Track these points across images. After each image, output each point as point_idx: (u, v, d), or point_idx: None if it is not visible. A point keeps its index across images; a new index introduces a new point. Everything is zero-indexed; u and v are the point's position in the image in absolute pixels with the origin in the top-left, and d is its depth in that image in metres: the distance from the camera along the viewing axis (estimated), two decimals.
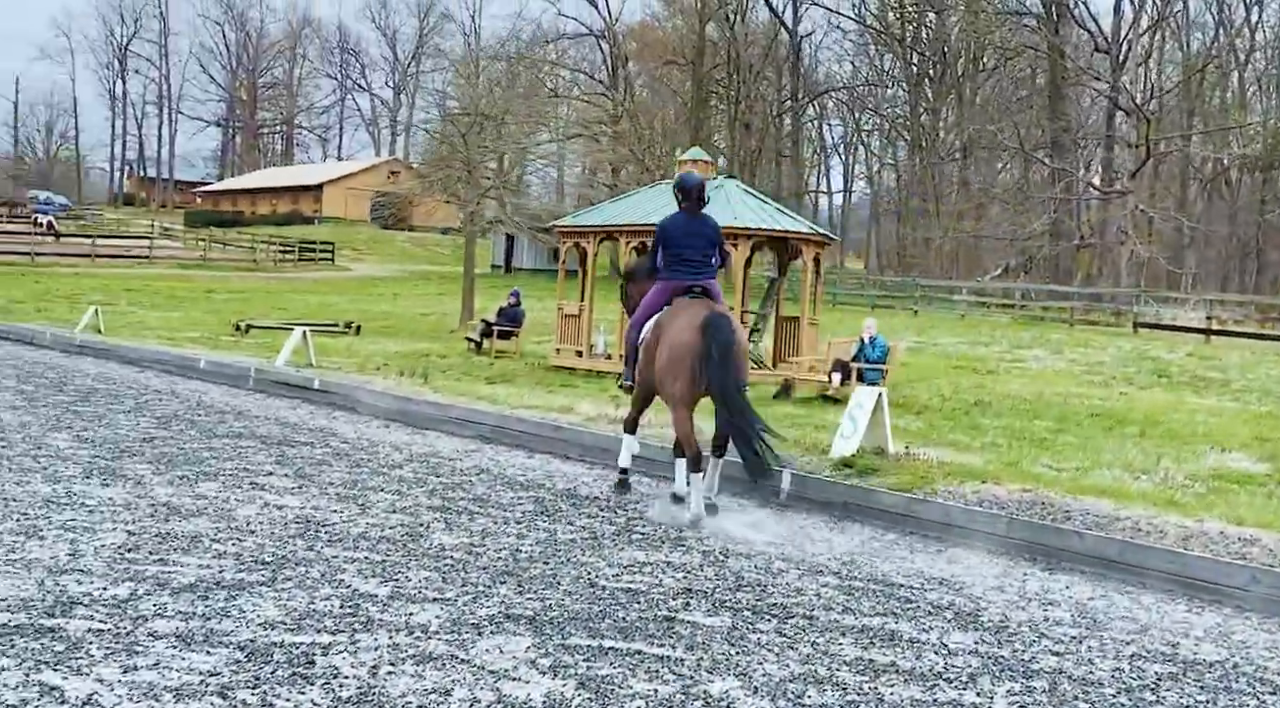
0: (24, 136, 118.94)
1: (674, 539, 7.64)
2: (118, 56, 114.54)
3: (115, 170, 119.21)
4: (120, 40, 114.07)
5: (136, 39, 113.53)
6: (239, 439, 10.85)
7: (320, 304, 34.05)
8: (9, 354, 19.10)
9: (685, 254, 8.77)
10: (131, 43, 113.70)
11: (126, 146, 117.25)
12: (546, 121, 47.47)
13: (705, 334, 8.13)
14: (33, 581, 5.52)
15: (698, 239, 8.79)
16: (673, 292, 8.78)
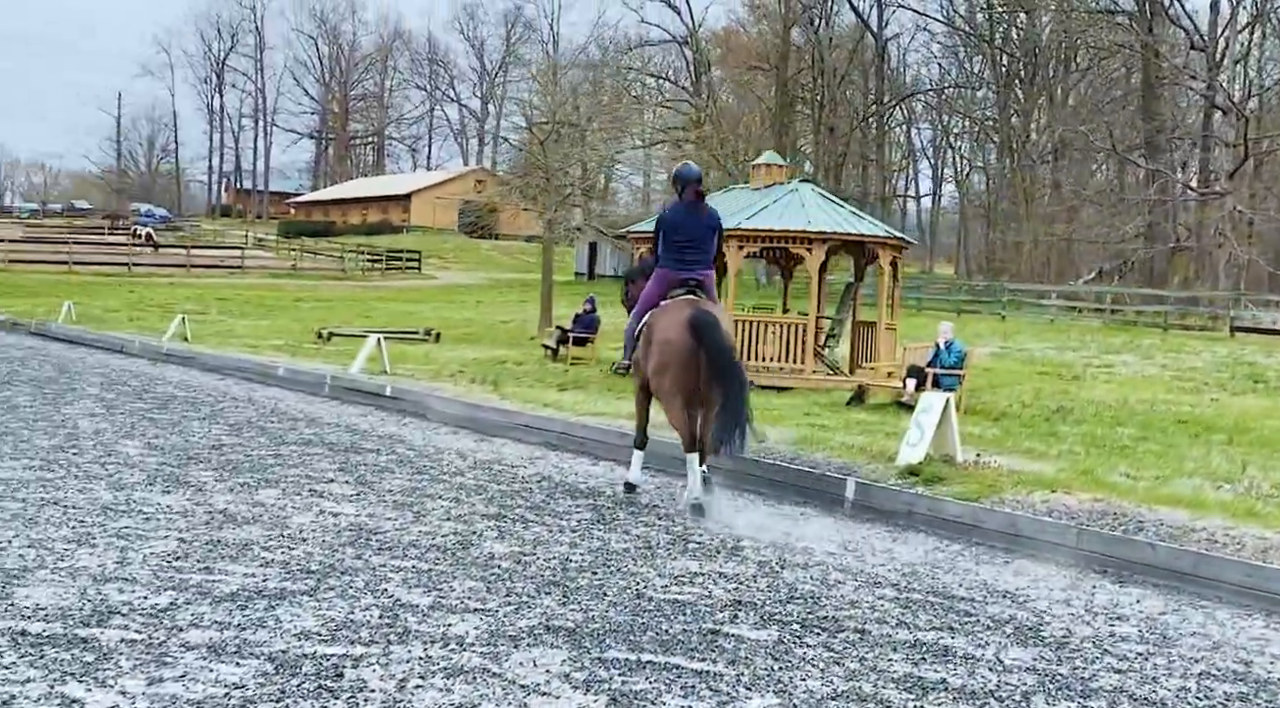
0: (127, 151, 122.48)
1: (730, 549, 7.48)
2: (215, 71, 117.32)
3: (213, 183, 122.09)
4: (218, 55, 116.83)
5: (233, 54, 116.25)
6: (306, 446, 10.91)
7: (404, 312, 34.39)
8: (98, 362, 19.51)
9: (684, 244, 8.96)
10: (229, 58, 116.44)
11: (224, 159, 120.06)
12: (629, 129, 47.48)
13: (694, 335, 8.35)
14: (76, 589, 5.54)
15: (696, 229, 8.98)
16: (669, 284, 8.96)
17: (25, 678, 4.33)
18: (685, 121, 59.31)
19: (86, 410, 12.67)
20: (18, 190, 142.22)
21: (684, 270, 8.94)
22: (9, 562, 5.95)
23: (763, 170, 19.29)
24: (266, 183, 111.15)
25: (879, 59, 65.58)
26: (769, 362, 17.25)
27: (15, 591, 5.43)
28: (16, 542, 6.40)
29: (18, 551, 6.20)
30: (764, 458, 10.10)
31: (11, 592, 5.41)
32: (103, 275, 45.88)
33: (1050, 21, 57.58)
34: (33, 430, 10.90)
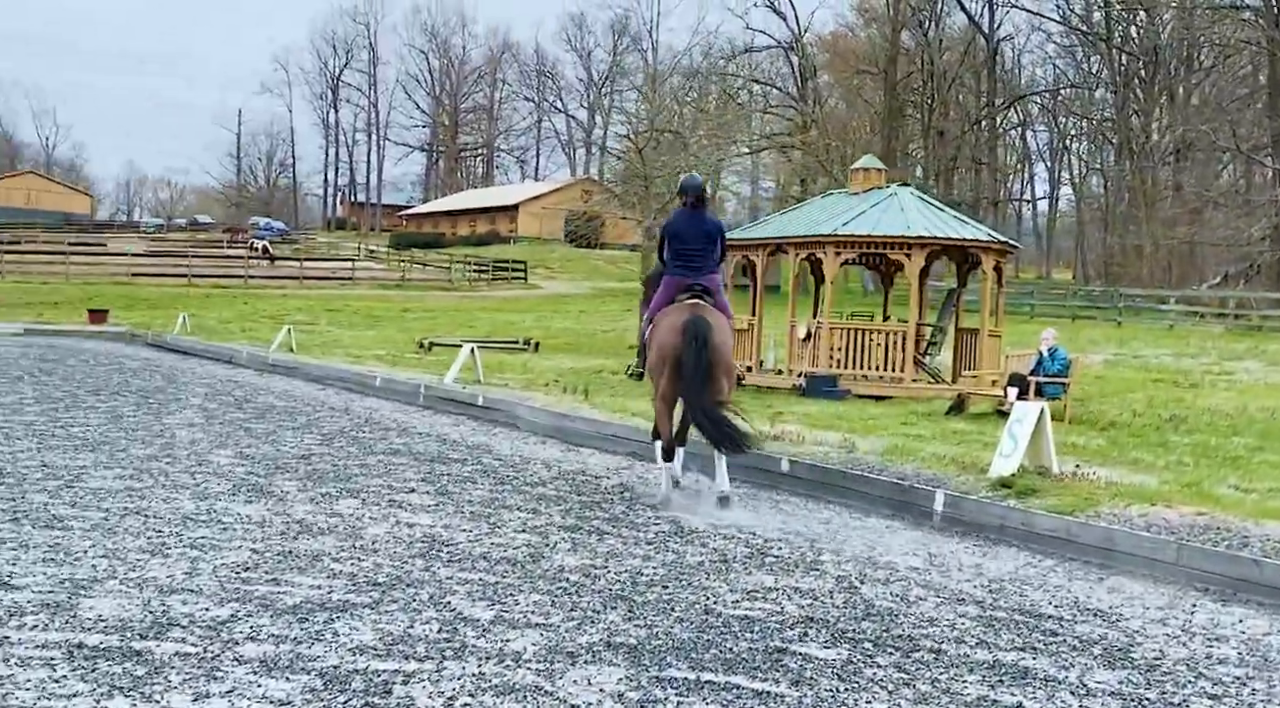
0: (246, 166, 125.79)
1: (809, 563, 7.27)
2: (330, 87, 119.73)
3: (328, 196, 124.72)
4: (333, 72, 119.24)
5: (348, 70, 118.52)
6: (394, 456, 10.95)
7: (506, 322, 34.62)
8: (206, 373, 19.95)
9: (687, 250, 9.32)
10: (343, 74, 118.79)
11: (339, 173, 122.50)
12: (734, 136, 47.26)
13: (686, 338, 8.68)
14: (140, 600, 5.56)
15: (698, 236, 9.32)
16: (676, 289, 9.29)
17: (73, 692, 4.32)
18: (790, 127, 58.85)
19: (186, 420, 12.91)
20: (146, 206, 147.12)
21: (689, 276, 9.26)
22: (80, 572, 6.01)
23: (861, 175, 18.95)
24: (379, 195, 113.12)
25: (991, 61, 64.30)
26: (867, 370, 16.92)
27: (81, 602, 5.47)
28: (92, 552, 6.47)
29: (91, 561, 6.26)
30: (851, 469, 9.85)
31: (77, 603, 5.45)
32: (219, 287, 47.08)
33: (1171, 19, 55.89)
34: (131, 440, 11.12)
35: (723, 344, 8.88)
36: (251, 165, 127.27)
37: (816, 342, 17.19)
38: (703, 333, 8.69)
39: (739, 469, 10.52)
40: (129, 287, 45.36)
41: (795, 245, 17.60)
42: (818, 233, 17.12)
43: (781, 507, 9.31)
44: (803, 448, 10.92)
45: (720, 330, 8.92)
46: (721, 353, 8.84)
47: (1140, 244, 54.02)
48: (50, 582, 5.77)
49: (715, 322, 8.91)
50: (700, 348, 8.62)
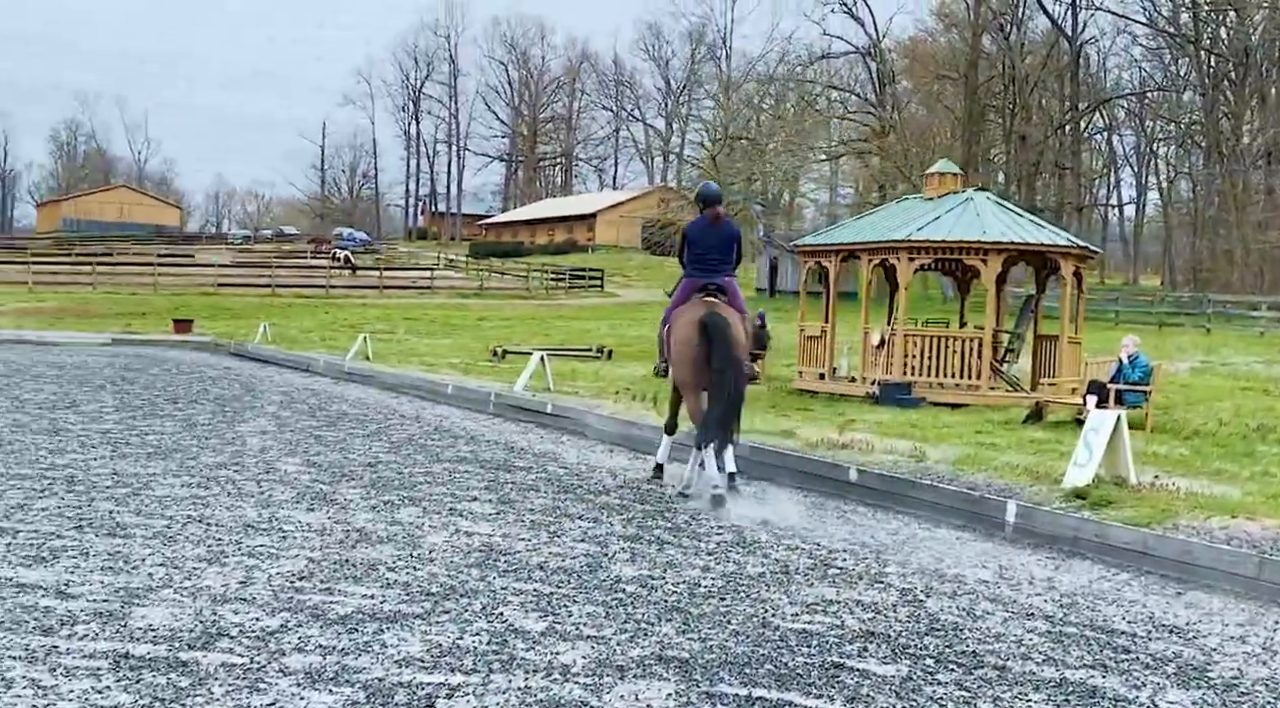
0: (330, 177, 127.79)
1: (874, 575, 7.10)
2: (412, 99, 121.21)
3: (409, 206, 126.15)
4: (414, 84, 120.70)
5: (429, 82, 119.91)
6: (460, 464, 10.94)
7: (581, 330, 34.66)
8: (284, 381, 20.19)
9: (705, 255, 9.93)
10: (424, 85, 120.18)
11: (420, 183, 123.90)
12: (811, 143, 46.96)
13: (702, 333, 9.27)
14: (192, 609, 5.55)
15: (715, 241, 9.95)
16: (693, 289, 9.86)
17: (115, 703, 4.30)
18: (868, 133, 58.32)
19: (258, 428, 13.03)
20: (234, 218, 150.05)
21: (705, 277, 9.86)
22: (136, 581, 6.03)
23: (936, 179, 18.66)
24: (459, 205, 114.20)
25: (1074, 64, 63.15)
26: (942, 378, 16.63)
27: (134, 611, 5.48)
28: (150, 560, 6.50)
29: (148, 569, 6.28)
30: (920, 478, 9.65)
31: (130, 612, 5.45)
32: (302, 297, 47.75)
33: (1263, 20, 54.50)
34: (202, 448, 11.24)
35: (736, 338, 9.35)
36: (335, 177, 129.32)
37: (890, 349, 16.94)
38: (719, 326, 9.24)
39: (807, 478, 10.41)
40: (214, 297, 46.19)
41: (868, 251, 17.37)
42: (891, 238, 16.87)
43: (849, 517, 9.13)
44: (871, 457, 10.74)
45: (733, 326, 9.41)
46: (735, 346, 9.28)
47: (1230, 249, 52.70)
48: (106, 590, 5.79)
49: (729, 317, 9.45)
50: (717, 340, 9.17)
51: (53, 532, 7.06)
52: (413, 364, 22.31)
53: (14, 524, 7.22)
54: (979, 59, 60.33)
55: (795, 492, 10.14)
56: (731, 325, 9.35)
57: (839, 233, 19.14)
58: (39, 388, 16.84)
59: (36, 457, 10.16)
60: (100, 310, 38.80)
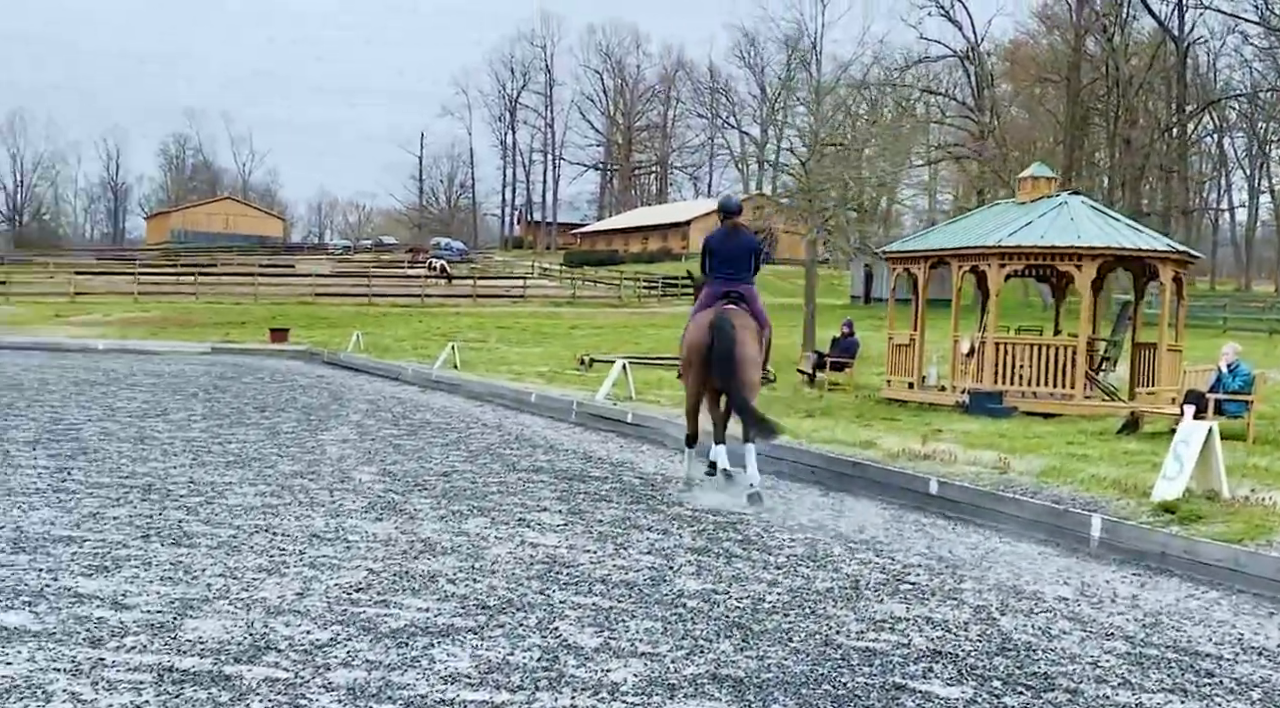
0: (428, 187, 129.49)
1: (947, 591, 6.86)
2: (509, 109, 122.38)
3: (506, 216, 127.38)
4: (511, 94, 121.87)
5: (525, 92, 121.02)
6: (534, 473, 10.87)
7: (672, 338, 34.44)
8: (373, 390, 20.37)
9: (725, 264, 10.32)
10: (521, 95, 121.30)
11: (516, 193, 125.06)
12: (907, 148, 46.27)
13: (711, 334, 9.65)
14: (244, 621, 5.53)
15: (735, 250, 10.36)
16: (714, 296, 10.19)
17: None
18: (966, 138, 57.36)
19: (340, 437, 13.12)
20: (336, 229, 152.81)
21: (725, 284, 10.24)
22: (194, 592, 6.03)
23: (1029, 183, 18.19)
24: (555, 214, 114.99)
25: (1181, 65, 61.47)
26: (1035, 386, 16.19)
27: (186, 622, 5.47)
28: (211, 570, 6.51)
29: (207, 580, 6.29)
30: (1002, 491, 9.34)
31: (181, 624, 5.44)
32: (397, 306, 48.33)
33: None
34: (282, 456, 11.33)
35: (745, 340, 9.74)
36: (433, 187, 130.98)
37: (980, 357, 16.54)
38: (727, 329, 9.65)
39: (886, 490, 10.17)
40: (312, 306, 46.95)
41: (958, 257, 16.98)
42: (982, 244, 16.48)
43: (927, 530, 8.88)
44: (954, 468, 10.45)
45: (744, 328, 9.81)
46: (744, 347, 9.68)
47: None
48: (161, 601, 5.80)
49: (740, 321, 9.84)
50: (725, 341, 9.58)
51: (119, 541, 7.12)
52: (501, 373, 22.37)
53: (84, 533, 7.30)
54: (1082, 61, 59.02)
55: (874, 504, 9.90)
56: (738, 329, 9.73)
57: (928, 238, 18.77)
58: (133, 396, 17.19)
59: (118, 465, 10.32)
60: (201, 320, 39.65)
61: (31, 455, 10.67)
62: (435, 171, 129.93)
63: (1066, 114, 58.78)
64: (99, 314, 41.53)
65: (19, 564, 6.41)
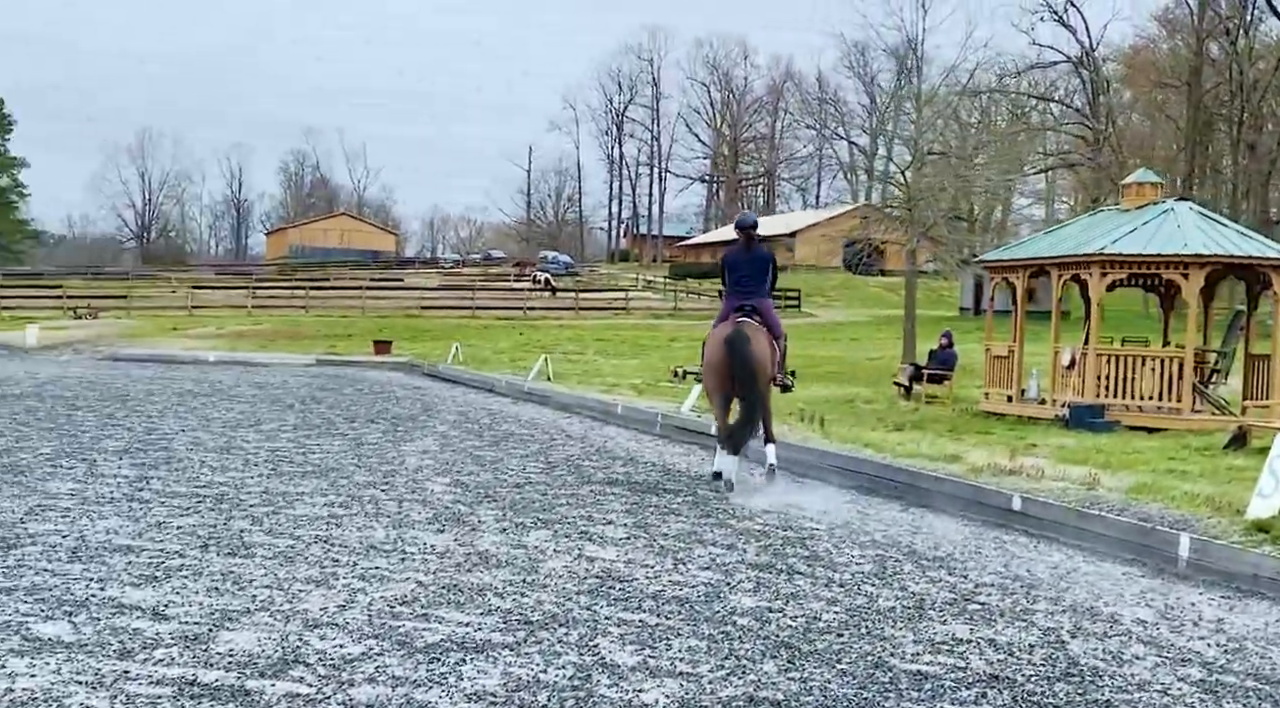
0: (536, 201, 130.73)
1: (1018, 612, 6.54)
2: (615, 122, 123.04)
3: (612, 229, 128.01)
4: (618, 107, 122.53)
5: (632, 105, 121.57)
6: (609, 486, 10.73)
7: None
8: (465, 401, 20.47)
9: (740, 278, 11.08)
10: (628, 109, 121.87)
11: (622, 206, 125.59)
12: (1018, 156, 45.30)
13: (727, 348, 10.47)
14: (279, 634, 5.46)
15: (750, 267, 11.10)
16: (730, 309, 10.99)
17: None
18: (1079, 146, 55.99)
19: (421, 448, 13.14)
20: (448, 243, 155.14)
21: (741, 298, 10.97)
22: (237, 603, 5.99)
23: (1134, 190, 17.58)
24: (661, 227, 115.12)
25: None
26: (1139, 399, 15.61)
27: (221, 634, 5.41)
28: (259, 581, 6.47)
29: (253, 591, 6.25)
30: (1087, 508, 8.94)
31: (216, 636, 5.39)
32: (500, 319, 48.75)
33: None
34: (359, 467, 11.36)
35: (756, 351, 10.47)
36: (541, 201, 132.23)
37: (1081, 369, 16.00)
38: (740, 342, 10.40)
39: (969, 505, 9.84)
40: (417, 319, 47.60)
41: (1059, 266, 16.48)
42: (1083, 252, 15.96)
43: (1007, 548, 8.53)
44: (1040, 484, 10.06)
45: (755, 341, 10.55)
46: (754, 358, 10.43)
47: None
48: (202, 612, 5.76)
49: (752, 334, 10.60)
50: (742, 356, 10.35)
51: (177, 551, 7.14)
52: (594, 385, 22.32)
53: (144, 542, 7.34)
54: (1204, 66, 57.27)
55: (955, 520, 9.56)
56: (752, 341, 10.48)
57: (1028, 247, 18.25)
58: (231, 407, 17.49)
59: (198, 475, 10.44)
60: (309, 333, 40.41)
61: (117, 465, 10.86)
62: (543, 186, 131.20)
63: (1188, 120, 57.13)
64: (213, 327, 42.62)
65: (71, 574, 6.45)
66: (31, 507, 8.48)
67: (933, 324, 36.25)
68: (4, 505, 8.51)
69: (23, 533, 7.51)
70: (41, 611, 5.68)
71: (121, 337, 38.08)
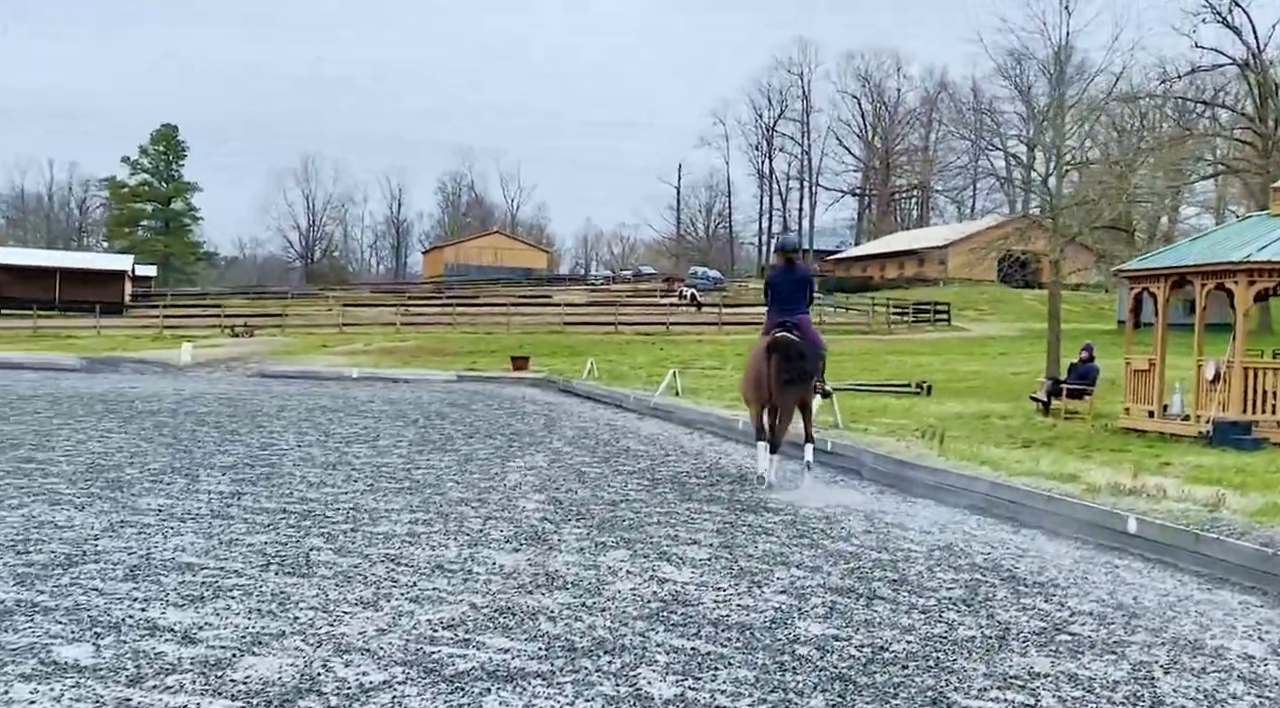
0: (686, 217, 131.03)
1: (1111, 644, 6.06)
2: (765, 137, 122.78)
3: (761, 244, 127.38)
4: (767, 122, 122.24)
5: (782, 119, 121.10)
6: (707, 504, 10.43)
7: (914, 364, 33.38)
8: (591, 416, 20.39)
9: (782, 297, 11.94)
10: (778, 123, 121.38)
11: (772, 220, 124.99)
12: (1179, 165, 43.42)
13: (768, 358, 11.36)
14: (304, 659, 5.30)
15: (791, 286, 11.99)
16: (772, 325, 11.89)
17: None
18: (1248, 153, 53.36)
19: (529, 464, 13.04)
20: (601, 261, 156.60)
21: (783, 315, 11.84)
22: (275, 625, 5.85)
23: None
24: (811, 241, 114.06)
25: None
26: None
27: (244, 660, 5.25)
28: (308, 602, 6.32)
29: (296, 613, 6.10)
30: (1207, 531, 8.30)
31: (239, 661, 5.23)
32: (641, 334, 48.75)
33: None
34: (458, 483, 11.29)
35: (799, 355, 11.28)
36: (691, 217, 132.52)
37: (1227, 383, 15.07)
38: (786, 346, 11.29)
39: (1083, 527, 9.27)
40: (560, 335, 47.94)
41: (1201, 275, 15.56)
42: (1227, 260, 15.04)
43: (1118, 573, 7.97)
44: (1160, 505, 9.39)
45: (802, 347, 11.38)
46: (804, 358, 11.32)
47: None
48: (234, 635, 5.63)
49: (797, 342, 11.39)
50: (790, 355, 11.22)
51: (236, 569, 7.07)
52: (725, 399, 21.98)
53: (206, 561, 7.28)
54: None
55: (1067, 543, 9.02)
56: (795, 344, 11.32)
57: (1169, 255, 17.31)
58: (355, 423, 17.70)
59: (293, 490, 10.48)
60: (454, 349, 41.01)
61: (217, 481, 10.97)
62: (693, 201, 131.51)
63: None
64: (360, 344, 43.61)
65: (119, 593, 6.41)
66: (113, 523, 8.54)
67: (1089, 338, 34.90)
68: (87, 521, 8.61)
69: (90, 550, 7.53)
70: (72, 632, 5.60)
71: (273, 354, 39.22)
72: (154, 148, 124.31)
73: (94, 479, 10.81)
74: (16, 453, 12.73)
